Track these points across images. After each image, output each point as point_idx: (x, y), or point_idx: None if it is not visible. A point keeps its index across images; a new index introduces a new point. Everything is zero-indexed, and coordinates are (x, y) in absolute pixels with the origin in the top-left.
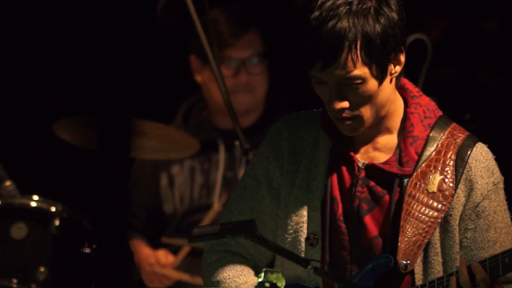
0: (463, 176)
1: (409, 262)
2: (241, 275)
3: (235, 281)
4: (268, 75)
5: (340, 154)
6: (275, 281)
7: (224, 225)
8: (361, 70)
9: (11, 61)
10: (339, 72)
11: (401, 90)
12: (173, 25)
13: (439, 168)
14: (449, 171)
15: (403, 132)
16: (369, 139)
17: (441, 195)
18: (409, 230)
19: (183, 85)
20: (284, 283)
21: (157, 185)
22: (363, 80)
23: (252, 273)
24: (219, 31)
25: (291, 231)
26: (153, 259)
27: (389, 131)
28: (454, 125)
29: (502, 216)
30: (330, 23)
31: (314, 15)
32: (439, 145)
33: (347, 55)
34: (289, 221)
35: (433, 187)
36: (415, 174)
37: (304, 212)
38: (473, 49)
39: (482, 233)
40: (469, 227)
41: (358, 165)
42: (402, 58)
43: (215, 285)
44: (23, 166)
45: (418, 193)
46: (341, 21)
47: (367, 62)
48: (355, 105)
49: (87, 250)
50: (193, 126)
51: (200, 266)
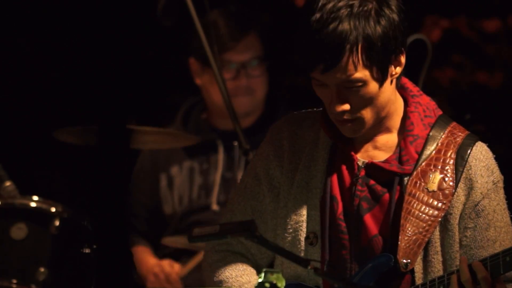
0: (463, 175)
1: (409, 261)
2: (243, 275)
3: (238, 280)
4: (267, 77)
5: (339, 152)
6: (275, 282)
7: (224, 225)
8: (362, 73)
9: (11, 61)
10: (340, 75)
11: (401, 89)
12: (174, 26)
13: (439, 167)
14: (449, 170)
15: (403, 131)
16: (369, 138)
17: (441, 194)
18: (409, 229)
19: (183, 86)
20: (284, 284)
21: (156, 186)
22: (364, 82)
23: (254, 272)
24: (219, 34)
25: (291, 230)
26: (158, 269)
27: (389, 130)
28: (454, 124)
29: (501, 215)
30: (331, 26)
31: (315, 17)
32: (439, 144)
33: (348, 58)
34: (288, 220)
35: (433, 186)
36: (415, 173)
37: (303, 211)
38: (473, 50)
39: (481, 232)
40: (469, 226)
41: (358, 164)
42: (402, 59)
43: (217, 285)
44: (23, 166)
45: (418, 192)
46: (343, 24)
47: (368, 64)
48: (356, 108)
49: (87, 250)
50: (193, 127)
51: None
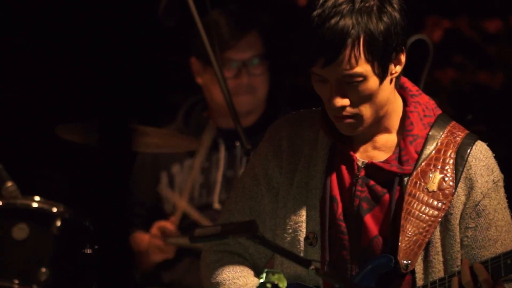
0: (463, 174)
1: (410, 262)
2: (240, 277)
3: (234, 282)
4: (268, 76)
5: (339, 153)
6: (276, 282)
7: (225, 225)
8: (363, 67)
9: (11, 62)
10: (341, 69)
11: (400, 89)
12: (175, 26)
13: (439, 166)
14: (449, 170)
15: (403, 131)
16: (368, 138)
17: (441, 194)
18: (410, 229)
19: (184, 85)
20: (285, 284)
21: (157, 184)
22: (365, 77)
23: (251, 273)
24: (220, 33)
25: (290, 231)
26: (154, 230)
27: (388, 130)
28: (453, 123)
29: (502, 214)
30: (333, 20)
31: (316, 12)
32: (439, 144)
33: (350, 52)
34: (288, 221)
35: (433, 186)
36: (415, 173)
37: (303, 211)
38: (474, 50)
39: (482, 231)
40: (470, 226)
41: (357, 164)
42: (402, 58)
43: (214, 287)
44: (25, 167)
45: (418, 192)
46: (344, 19)
47: (370, 59)
48: (355, 103)
49: (89, 250)
50: (194, 126)
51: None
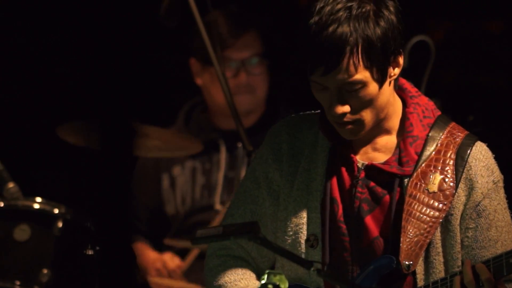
0: (463, 175)
1: (411, 262)
2: (242, 279)
3: (236, 285)
4: (268, 75)
5: (339, 155)
6: (278, 283)
7: (227, 226)
8: (363, 74)
9: (11, 62)
10: (341, 76)
11: (399, 90)
12: (177, 27)
13: (439, 167)
14: (449, 171)
15: (403, 132)
16: (368, 139)
17: (441, 194)
18: (411, 230)
19: (185, 86)
20: (287, 285)
21: (158, 186)
22: (364, 84)
23: (253, 276)
24: (219, 32)
25: (291, 233)
26: (160, 264)
27: (388, 131)
28: (453, 124)
29: (502, 214)
30: (330, 28)
31: (314, 20)
32: (439, 145)
33: (348, 60)
34: (288, 223)
35: (434, 187)
36: (415, 174)
37: (303, 213)
38: (476, 51)
39: (483, 232)
40: (470, 226)
41: (357, 166)
42: (401, 60)
43: None
44: (26, 168)
45: (418, 193)
46: (342, 26)
47: (369, 65)
48: (356, 109)
49: (90, 252)
50: (194, 127)
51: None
